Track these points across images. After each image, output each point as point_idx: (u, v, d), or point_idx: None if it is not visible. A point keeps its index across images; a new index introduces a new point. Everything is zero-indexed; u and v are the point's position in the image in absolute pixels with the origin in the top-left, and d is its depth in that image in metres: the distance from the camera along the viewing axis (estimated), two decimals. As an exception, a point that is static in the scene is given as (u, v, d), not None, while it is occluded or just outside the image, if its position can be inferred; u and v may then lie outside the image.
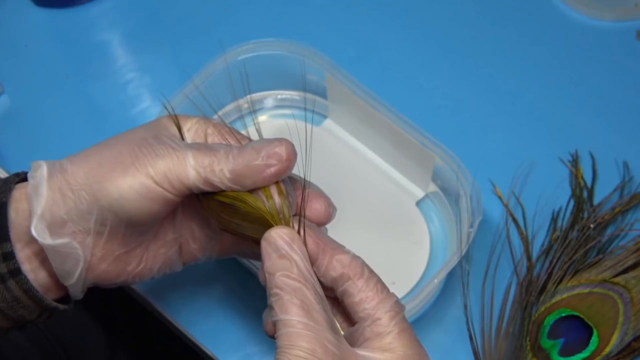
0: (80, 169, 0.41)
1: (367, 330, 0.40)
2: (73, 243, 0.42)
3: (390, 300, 0.41)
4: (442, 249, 0.59)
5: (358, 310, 0.41)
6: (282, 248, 0.41)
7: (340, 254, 0.42)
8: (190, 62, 0.67)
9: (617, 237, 0.60)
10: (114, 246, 0.43)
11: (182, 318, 0.58)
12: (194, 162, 0.41)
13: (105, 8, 0.73)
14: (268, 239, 0.41)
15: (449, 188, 0.57)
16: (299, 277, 0.40)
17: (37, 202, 0.41)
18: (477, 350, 0.55)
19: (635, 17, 0.71)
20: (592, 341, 0.55)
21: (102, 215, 0.41)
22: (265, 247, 0.41)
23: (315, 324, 0.38)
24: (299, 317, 0.38)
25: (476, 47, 0.70)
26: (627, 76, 0.68)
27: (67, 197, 0.41)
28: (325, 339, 0.38)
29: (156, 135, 0.43)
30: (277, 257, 0.40)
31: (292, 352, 0.37)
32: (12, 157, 0.65)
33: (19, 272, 0.42)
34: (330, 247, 0.42)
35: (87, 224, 0.42)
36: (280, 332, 0.38)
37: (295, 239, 0.41)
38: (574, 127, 0.65)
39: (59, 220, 0.41)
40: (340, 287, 0.41)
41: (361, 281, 0.41)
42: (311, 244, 0.42)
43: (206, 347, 0.57)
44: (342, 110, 0.63)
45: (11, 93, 0.69)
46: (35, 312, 0.44)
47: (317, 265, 0.41)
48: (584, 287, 0.57)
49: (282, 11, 0.72)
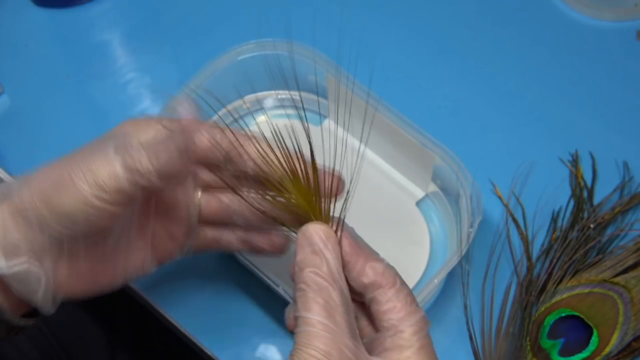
0: (27, 191, 0.41)
1: (388, 341, 0.40)
2: (31, 267, 0.41)
3: (417, 314, 0.41)
4: (442, 249, 0.59)
5: (383, 319, 0.40)
6: (316, 244, 0.40)
7: (375, 261, 0.41)
8: (190, 62, 0.67)
9: (617, 237, 0.60)
10: (79, 263, 0.43)
11: (182, 318, 0.58)
12: (121, 167, 0.40)
13: (105, 8, 0.73)
14: (304, 232, 0.41)
15: (449, 188, 0.57)
16: (328, 277, 0.39)
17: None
18: (477, 350, 0.55)
19: (635, 17, 0.71)
20: (592, 341, 0.55)
21: (55, 235, 0.41)
22: (300, 240, 0.41)
23: (336, 326, 0.38)
24: (320, 317, 0.38)
25: (476, 48, 0.70)
26: (627, 76, 0.68)
27: (18, 222, 0.41)
28: (343, 343, 0.38)
29: (102, 147, 0.42)
30: (310, 253, 0.40)
31: (308, 351, 0.37)
32: (12, 157, 0.65)
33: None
34: (365, 253, 0.42)
35: (43, 245, 0.41)
36: (299, 329, 0.38)
37: (332, 237, 0.41)
38: (574, 127, 0.65)
39: (13, 246, 0.41)
40: (370, 294, 0.41)
41: (392, 291, 0.41)
42: (346, 246, 0.41)
43: (206, 346, 0.57)
44: (342, 110, 0.63)
45: (11, 93, 0.69)
46: (4, 331, 0.44)
47: (349, 269, 0.41)
48: (584, 287, 0.57)
49: (282, 11, 0.72)
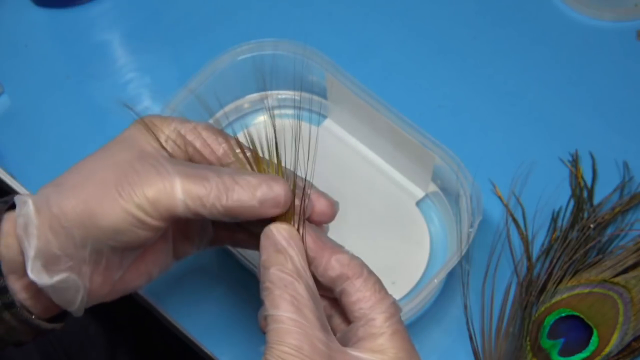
0: (68, 203, 0.40)
1: (361, 330, 0.40)
2: (71, 276, 0.41)
3: (386, 301, 0.41)
4: (442, 249, 0.59)
5: (354, 309, 0.41)
6: (279, 243, 0.40)
7: (339, 253, 0.41)
8: (190, 62, 0.67)
9: (617, 237, 0.60)
10: (112, 271, 0.43)
11: (182, 318, 0.58)
12: (182, 194, 0.40)
13: (105, 8, 0.73)
14: (267, 233, 0.41)
15: (449, 188, 0.57)
16: (293, 272, 0.39)
17: (29, 243, 0.40)
18: (477, 350, 0.55)
19: (635, 17, 0.71)
20: (592, 341, 0.55)
21: (96, 247, 0.41)
22: (263, 241, 0.41)
23: (305, 320, 0.38)
24: (289, 313, 0.38)
25: (476, 47, 0.70)
26: (627, 76, 0.68)
27: (59, 234, 0.40)
28: (314, 336, 0.38)
29: (140, 157, 0.41)
30: (274, 251, 0.40)
31: (279, 348, 0.37)
32: (12, 157, 0.65)
33: (13, 305, 0.42)
34: (329, 247, 0.42)
35: (83, 256, 0.41)
36: (270, 328, 0.38)
37: (294, 235, 0.41)
38: (574, 127, 0.65)
39: (54, 258, 0.41)
40: (339, 287, 0.41)
41: (359, 281, 0.41)
42: (310, 243, 0.41)
43: (206, 346, 0.57)
44: (342, 110, 0.63)
45: (11, 93, 0.69)
46: (32, 335, 0.44)
47: (315, 265, 0.41)
48: (584, 287, 0.57)
49: (282, 11, 0.72)
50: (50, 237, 0.40)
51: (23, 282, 0.42)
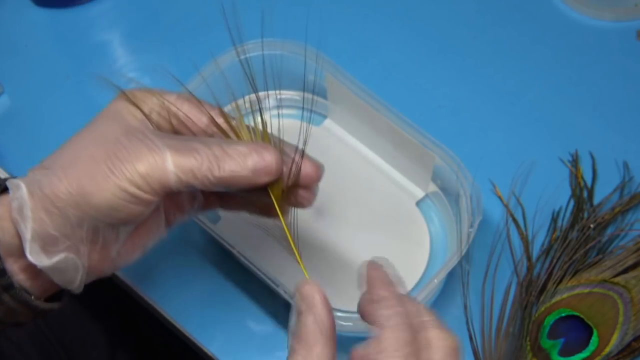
0: (60, 184, 0.40)
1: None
2: (69, 256, 0.41)
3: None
4: (442, 249, 0.59)
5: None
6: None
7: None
8: (190, 62, 0.67)
9: (617, 237, 0.60)
10: (109, 248, 0.43)
11: (182, 318, 0.58)
12: (174, 166, 0.40)
13: (105, 8, 0.73)
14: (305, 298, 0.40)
15: (449, 188, 0.57)
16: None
17: (25, 226, 0.40)
18: (477, 350, 0.55)
19: (635, 17, 0.71)
20: (592, 341, 0.55)
21: (92, 226, 0.41)
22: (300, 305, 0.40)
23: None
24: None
25: (476, 47, 0.70)
26: (627, 76, 0.68)
27: (53, 215, 0.40)
28: None
29: (127, 131, 0.41)
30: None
31: None
32: (12, 157, 0.65)
33: (11, 286, 0.42)
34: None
35: (80, 236, 0.41)
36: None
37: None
38: (574, 127, 0.66)
39: (51, 239, 0.41)
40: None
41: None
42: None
43: (206, 346, 0.57)
44: (342, 110, 0.63)
45: (11, 93, 0.69)
46: (31, 315, 0.44)
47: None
48: (584, 287, 0.57)
49: (282, 11, 0.72)
50: (46, 218, 0.40)
51: (21, 264, 0.42)
